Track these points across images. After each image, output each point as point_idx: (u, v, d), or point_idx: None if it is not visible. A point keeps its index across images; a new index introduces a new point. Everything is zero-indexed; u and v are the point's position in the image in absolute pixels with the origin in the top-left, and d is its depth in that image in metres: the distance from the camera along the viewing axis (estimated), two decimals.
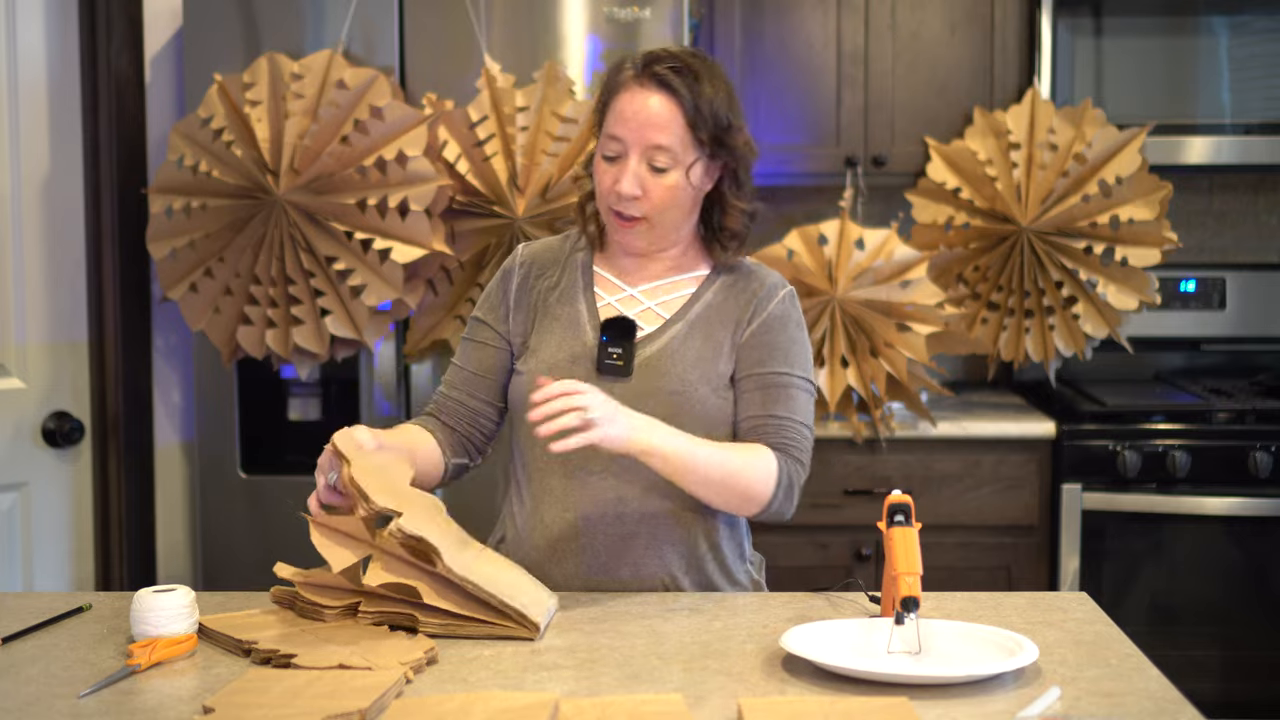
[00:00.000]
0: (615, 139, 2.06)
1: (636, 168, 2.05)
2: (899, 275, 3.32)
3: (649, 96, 2.05)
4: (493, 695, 1.59)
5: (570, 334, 2.11)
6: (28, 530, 3.04)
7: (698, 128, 2.05)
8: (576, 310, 2.13)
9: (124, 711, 1.60)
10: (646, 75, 2.06)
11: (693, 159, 2.06)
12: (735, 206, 2.13)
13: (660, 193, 2.05)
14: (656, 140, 2.04)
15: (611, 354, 2.08)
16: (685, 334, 2.10)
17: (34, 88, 3.02)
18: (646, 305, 2.13)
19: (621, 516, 2.06)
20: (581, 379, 2.03)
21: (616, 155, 2.06)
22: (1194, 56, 3.59)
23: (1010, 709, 1.57)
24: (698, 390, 2.06)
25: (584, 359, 2.08)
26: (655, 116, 2.04)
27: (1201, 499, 3.35)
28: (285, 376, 3.25)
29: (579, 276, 2.16)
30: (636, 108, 2.05)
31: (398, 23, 3.16)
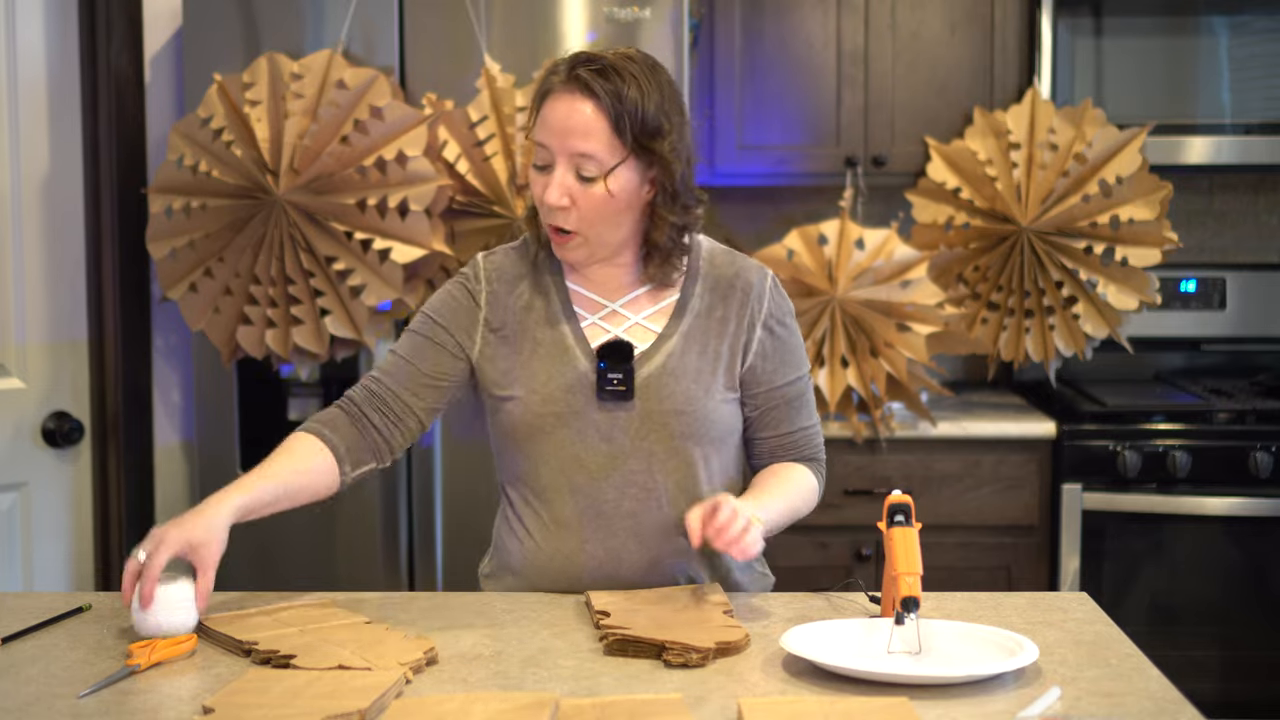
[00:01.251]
0: (543, 147, 1.97)
1: (563, 177, 1.94)
2: (899, 275, 3.32)
3: (573, 102, 1.94)
4: (493, 695, 1.59)
5: (560, 361, 2.02)
6: (28, 530, 3.04)
7: (622, 133, 1.94)
8: (561, 334, 2.03)
9: (124, 711, 1.60)
10: (571, 79, 1.95)
11: (621, 162, 1.95)
12: (663, 219, 1.99)
13: (589, 202, 1.95)
14: (580, 148, 1.93)
15: (612, 380, 2.00)
16: (681, 348, 2.03)
17: (34, 87, 3.02)
18: (633, 320, 2.05)
19: (643, 541, 2.03)
20: (580, 406, 2.00)
21: (545, 164, 1.97)
22: (1194, 56, 3.59)
23: (1010, 709, 1.57)
24: (703, 405, 2.02)
25: (580, 386, 2.01)
26: (579, 123, 1.93)
27: (1202, 499, 3.35)
28: (285, 376, 3.25)
29: (555, 297, 2.06)
30: (561, 114, 1.95)
31: (398, 23, 3.16)
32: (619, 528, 2.03)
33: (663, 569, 2.04)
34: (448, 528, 3.20)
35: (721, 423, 2.05)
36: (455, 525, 3.20)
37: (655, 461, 2.02)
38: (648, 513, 2.02)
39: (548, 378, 2.02)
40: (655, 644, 1.75)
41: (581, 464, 2.02)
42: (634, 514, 2.02)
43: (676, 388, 2.01)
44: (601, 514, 2.02)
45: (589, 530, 2.03)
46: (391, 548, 3.22)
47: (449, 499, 3.21)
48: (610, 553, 2.03)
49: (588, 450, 2.02)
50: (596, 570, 2.03)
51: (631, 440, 2.01)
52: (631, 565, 2.03)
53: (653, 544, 2.03)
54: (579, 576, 2.04)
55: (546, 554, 2.06)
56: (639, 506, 2.02)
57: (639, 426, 2.01)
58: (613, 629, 1.79)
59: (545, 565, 2.06)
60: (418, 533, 3.22)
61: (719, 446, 2.06)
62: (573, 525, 2.03)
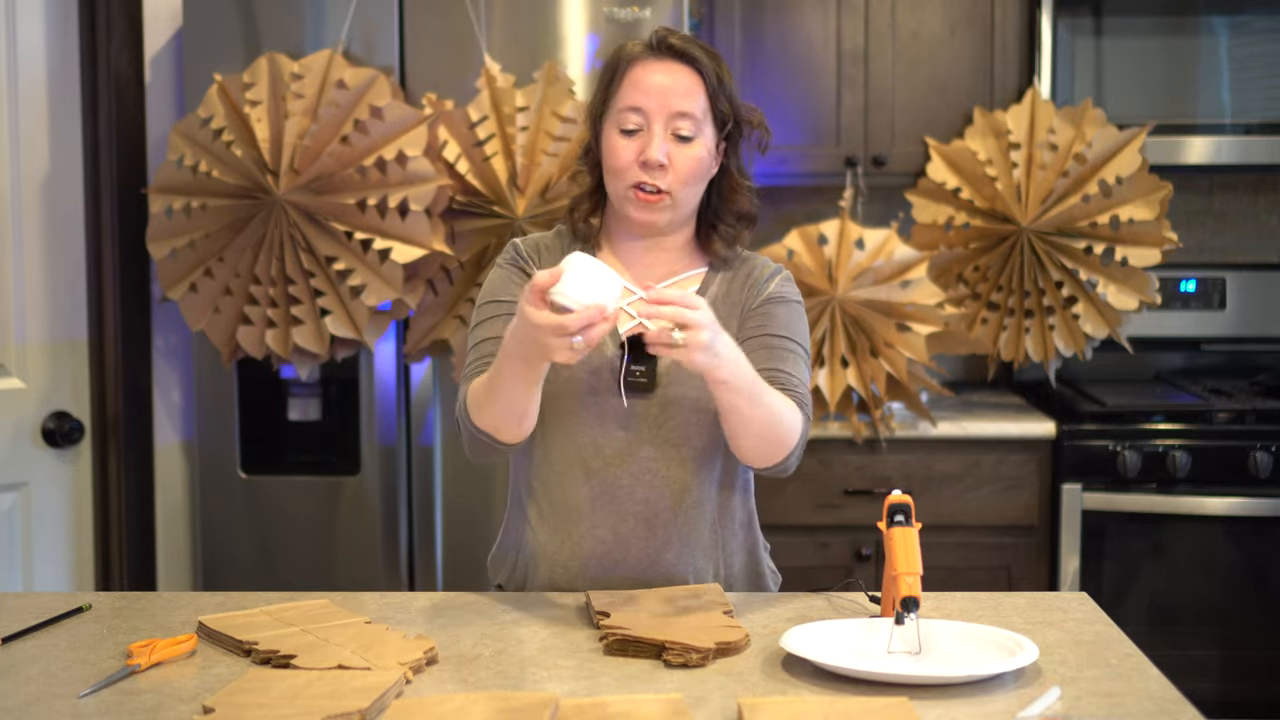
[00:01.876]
0: (635, 110, 2.01)
1: (662, 138, 2.00)
2: (899, 275, 3.32)
3: (669, 66, 2.02)
4: (493, 695, 1.59)
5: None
6: (28, 530, 3.04)
7: (718, 100, 2.02)
8: None
9: (124, 711, 1.60)
10: (663, 49, 2.03)
11: (712, 132, 2.03)
12: (743, 185, 2.10)
13: (686, 162, 2.01)
14: (681, 107, 2.00)
15: (635, 372, 2.02)
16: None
17: (34, 88, 3.02)
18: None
19: (653, 528, 2.04)
20: (603, 392, 2.01)
21: (637, 128, 2.01)
22: (1194, 56, 3.59)
23: (1010, 709, 1.57)
24: None
25: (603, 370, 2.02)
26: (678, 84, 2.01)
27: (1201, 499, 3.35)
28: (285, 376, 3.25)
29: None
30: (658, 76, 2.01)
31: (398, 23, 3.16)
32: (629, 513, 2.03)
33: (667, 561, 2.04)
34: (448, 528, 3.21)
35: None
36: (455, 525, 3.20)
37: (671, 450, 2.03)
38: (659, 500, 2.03)
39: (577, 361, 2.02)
40: (655, 644, 1.75)
41: (598, 449, 2.03)
42: (646, 501, 2.03)
43: (694, 377, 2.00)
44: (614, 500, 2.03)
45: (599, 515, 2.04)
46: (391, 548, 3.22)
47: (449, 499, 3.21)
48: (619, 539, 2.03)
49: (605, 436, 2.03)
50: (604, 556, 2.04)
51: (649, 429, 2.03)
52: (638, 554, 2.03)
53: (661, 533, 2.03)
54: (585, 561, 2.04)
55: (556, 540, 2.06)
56: (651, 494, 2.03)
57: (657, 415, 2.02)
58: (613, 629, 1.79)
59: (554, 552, 2.06)
60: (418, 533, 3.22)
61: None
62: (584, 509, 2.04)
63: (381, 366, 3.20)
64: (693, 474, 2.04)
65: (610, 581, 2.04)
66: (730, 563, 2.11)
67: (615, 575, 2.04)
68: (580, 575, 2.05)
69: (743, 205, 2.10)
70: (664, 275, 2.10)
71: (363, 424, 3.20)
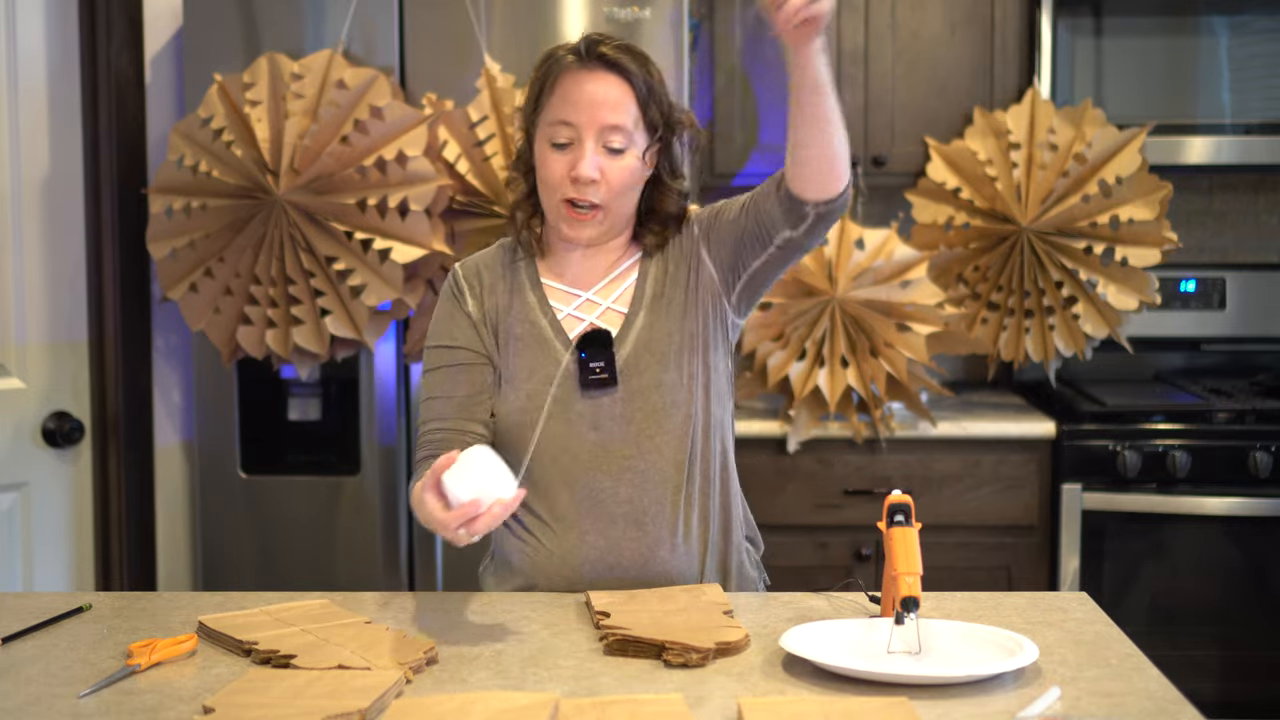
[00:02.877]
0: (566, 124, 2.00)
1: (592, 151, 2.00)
2: (899, 275, 3.32)
3: (599, 77, 2.01)
4: (493, 695, 1.59)
5: (540, 354, 2.05)
6: (28, 530, 3.04)
7: (649, 108, 2.02)
8: (539, 328, 2.07)
9: (124, 711, 1.60)
10: (592, 58, 2.02)
11: (644, 140, 2.03)
12: (670, 189, 2.10)
13: (617, 174, 2.01)
14: (611, 120, 2.00)
15: (594, 369, 2.03)
16: (649, 321, 2.06)
17: (34, 87, 3.02)
18: (604, 306, 2.09)
19: (642, 526, 2.04)
20: (565, 397, 2.03)
21: (569, 141, 2.01)
22: (1194, 56, 3.59)
23: (1010, 709, 1.57)
24: (684, 366, 2.05)
25: (563, 378, 2.04)
26: (608, 96, 2.00)
27: (1201, 499, 3.35)
28: (285, 376, 3.25)
29: (529, 293, 2.09)
30: (588, 88, 2.00)
31: (398, 23, 3.16)
32: (617, 515, 2.04)
33: (661, 557, 2.04)
34: None
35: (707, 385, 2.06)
36: None
37: (645, 442, 2.04)
38: (644, 497, 2.04)
39: (530, 372, 2.05)
40: (655, 644, 1.75)
41: (573, 455, 2.04)
42: (630, 500, 2.03)
43: (653, 362, 2.04)
44: (599, 503, 2.04)
45: (588, 521, 2.04)
46: (391, 548, 3.22)
47: None
48: (611, 542, 2.04)
49: (577, 440, 2.04)
50: (598, 561, 2.04)
51: (619, 425, 2.03)
52: (632, 554, 2.04)
53: (651, 529, 2.04)
54: (579, 568, 2.04)
55: (547, 550, 2.06)
56: (635, 492, 2.03)
57: (623, 409, 2.03)
58: (613, 629, 1.79)
59: (545, 562, 2.07)
60: (418, 533, 3.22)
61: (708, 415, 2.07)
62: (570, 518, 2.04)
63: (381, 366, 3.20)
64: (671, 463, 2.04)
65: (608, 584, 2.04)
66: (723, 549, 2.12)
67: (611, 578, 2.04)
68: (577, 583, 2.05)
69: (670, 207, 2.11)
70: (603, 274, 2.11)
71: (363, 424, 3.20)
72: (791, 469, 3.41)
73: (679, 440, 2.05)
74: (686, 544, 2.06)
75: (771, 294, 3.36)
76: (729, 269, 2.08)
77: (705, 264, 2.09)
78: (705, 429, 2.07)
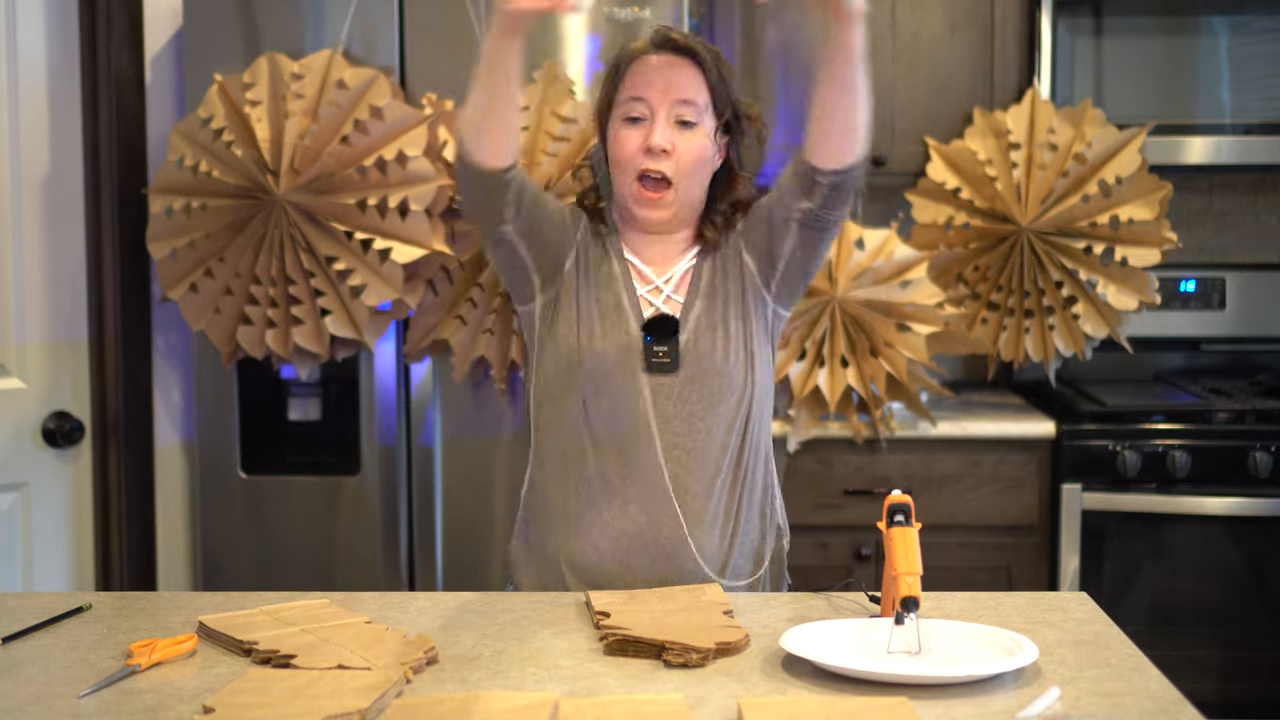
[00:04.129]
0: (639, 99, 2.09)
1: (665, 124, 2.08)
2: (899, 275, 3.32)
3: (671, 59, 2.10)
4: (493, 695, 1.59)
5: (616, 323, 2.13)
6: (28, 530, 3.04)
7: (718, 93, 2.10)
8: (619, 299, 2.14)
9: (124, 711, 1.60)
10: (665, 44, 2.11)
11: (713, 123, 2.11)
12: (742, 176, 2.18)
13: (689, 149, 2.09)
14: (683, 94, 2.08)
15: (658, 353, 2.10)
16: (706, 308, 2.14)
17: (34, 87, 3.02)
18: (666, 293, 2.16)
19: (684, 504, 2.09)
20: (630, 373, 2.10)
21: (641, 116, 2.09)
22: (1194, 56, 3.59)
23: (1010, 709, 1.57)
24: (736, 354, 2.11)
25: (631, 350, 2.11)
26: (681, 74, 2.09)
27: (1201, 499, 3.35)
28: (285, 376, 3.25)
29: (616, 264, 2.17)
30: (661, 68, 2.09)
31: (398, 23, 3.16)
32: (659, 489, 2.09)
33: (697, 536, 2.09)
34: (448, 528, 3.21)
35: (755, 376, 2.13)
36: (455, 525, 3.20)
37: (697, 423, 2.10)
38: (688, 475, 2.09)
39: (603, 336, 2.12)
40: (655, 644, 1.75)
41: (625, 426, 2.10)
42: (675, 476, 2.09)
43: (709, 348, 2.11)
44: (644, 475, 2.09)
45: (632, 490, 2.09)
46: (391, 548, 3.22)
47: (449, 499, 3.21)
48: (651, 518, 2.08)
49: (632, 413, 2.10)
50: (636, 536, 2.09)
51: (674, 404, 2.10)
52: (670, 531, 2.08)
53: (691, 506, 2.09)
54: (618, 540, 2.08)
55: (588, 516, 2.11)
56: (680, 469, 2.09)
57: (681, 390, 2.10)
58: (613, 629, 1.79)
59: (586, 527, 2.11)
60: (418, 533, 3.22)
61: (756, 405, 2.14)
62: (615, 485, 2.10)
63: (381, 366, 3.20)
64: (719, 445, 2.11)
65: (640, 559, 2.08)
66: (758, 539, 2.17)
67: (643, 560, 2.08)
68: (610, 555, 2.09)
69: (741, 193, 2.18)
70: (668, 267, 2.18)
71: (363, 424, 3.20)
72: (791, 469, 3.40)
73: (728, 425, 2.12)
74: (723, 527, 2.12)
75: None
76: (765, 258, 2.16)
77: (746, 260, 2.17)
78: (749, 418, 2.14)
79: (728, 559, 2.12)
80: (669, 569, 2.09)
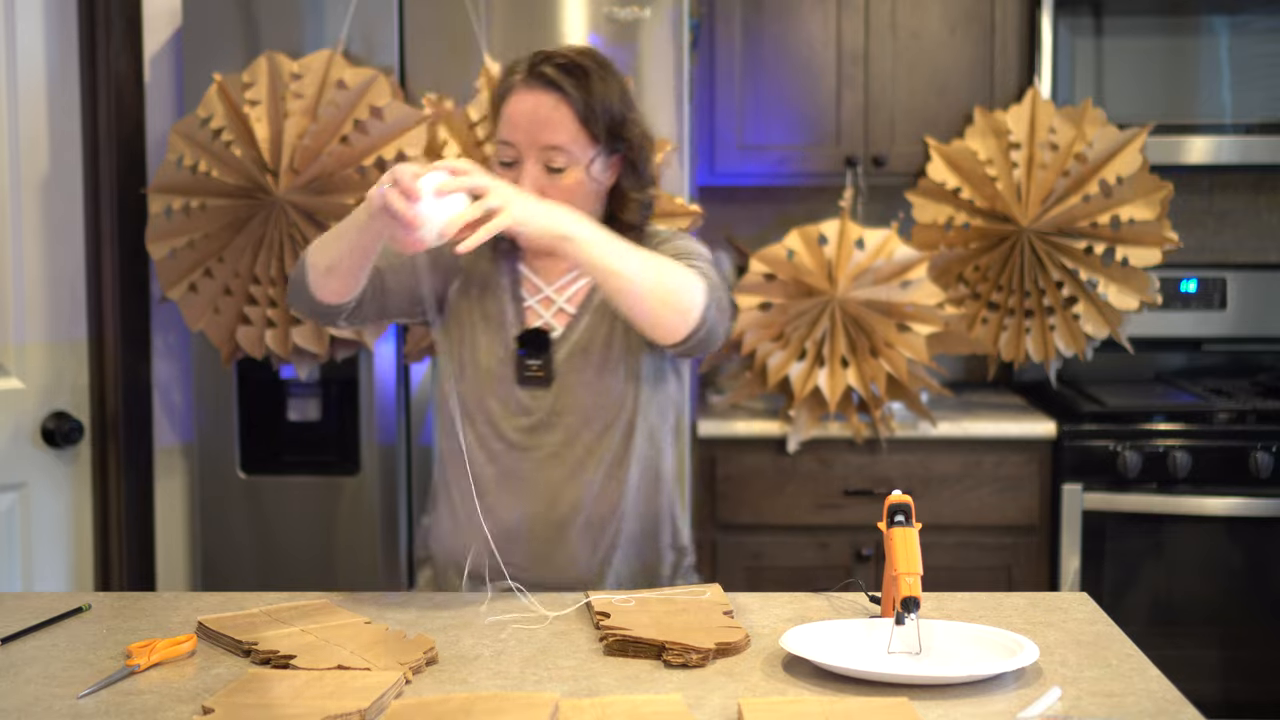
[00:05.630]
0: (508, 144, 2.07)
1: (532, 171, 2.05)
2: (899, 275, 3.32)
3: (539, 97, 2.05)
4: (493, 695, 1.59)
5: (498, 336, 2.14)
6: (27, 530, 3.04)
7: (590, 124, 2.05)
8: (503, 311, 2.15)
9: (124, 712, 1.60)
10: (534, 76, 2.06)
11: (590, 156, 2.07)
12: (633, 199, 2.14)
13: (558, 194, 2.03)
14: (549, 140, 2.04)
15: (530, 366, 2.11)
16: (592, 324, 2.13)
17: (33, 87, 3.02)
18: (558, 304, 2.15)
19: (555, 509, 2.12)
20: (507, 385, 2.11)
21: (512, 161, 2.07)
22: (1194, 56, 3.59)
23: (1010, 709, 1.57)
24: (620, 372, 2.11)
25: (507, 363, 2.13)
26: (546, 117, 2.04)
27: (1202, 499, 3.35)
28: (285, 376, 3.24)
29: (506, 277, 2.17)
30: (526, 110, 2.05)
31: (398, 23, 3.15)
32: (532, 493, 2.12)
33: (570, 539, 2.12)
34: None
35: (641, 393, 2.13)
36: None
37: (573, 436, 2.12)
38: (563, 482, 2.11)
39: (487, 350, 2.13)
40: (655, 644, 1.75)
41: (502, 434, 2.13)
42: (550, 483, 2.12)
43: (588, 364, 2.11)
44: (519, 480, 2.12)
45: (504, 494, 2.12)
46: (391, 548, 3.22)
47: None
48: (524, 516, 2.12)
49: (510, 422, 2.13)
50: (510, 533, 2.10)
51: (550, 416, 2.12)
52: (542, 533, 2.11)
53: (563, 511, 2.12)
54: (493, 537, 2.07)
55: (465, 513, 2.13)
56: (553, 474, 2.11)
57: (555, 404, 2.11)
58: (613, 629, 1.79)
59: (464, 524, 2.14)
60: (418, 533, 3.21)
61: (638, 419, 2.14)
62: (490, 489, 2.12)
63: (381, 366, 3.20)
64: (594, 458, 2.12)
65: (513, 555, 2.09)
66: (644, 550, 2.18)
67: (518, 556, 2.10)
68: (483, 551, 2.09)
69: (630, 217, 2.14)
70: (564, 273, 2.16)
71: (363, 424, 3.20)
72: (791, 469, 3.40)
73: (606, 439, 2.12)
74: (597, 539, 2.13)
75: (771, 294, 3.36)
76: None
77: None
78: (631, 432, 2.14)
79: (603, 571, 2.14)
80: (546, 571, 2.12)
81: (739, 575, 3.40)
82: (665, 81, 3.08)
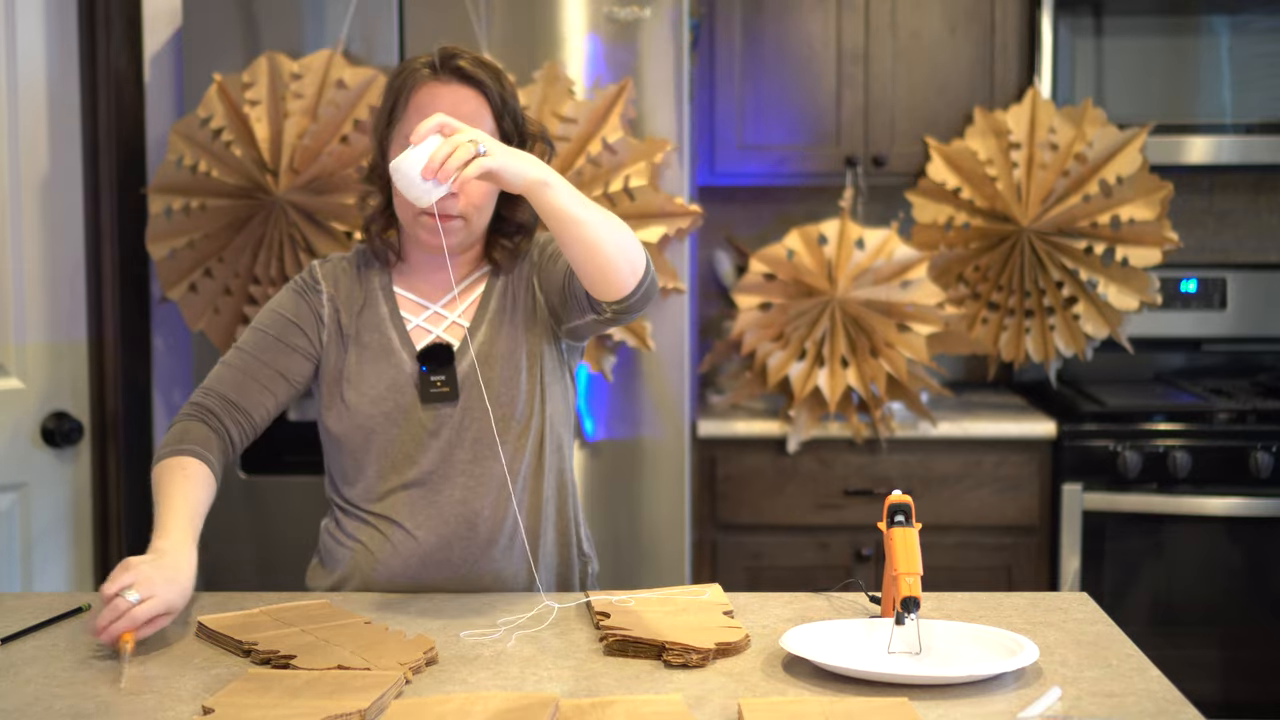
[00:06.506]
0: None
1: None
2: (899, 275, 3.32)
3: (457, 91, 2.03)
4: (493, 695, 1.59)
5: (385, 362, 2.09)
6: (27, 530, 3.04)
7: (503, 120, 2.05)
8: (387, 337, 2.10)
9: (124, 712, 1.60)
10: (448, 71, 2.04)
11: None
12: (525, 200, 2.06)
13: (478, 188, 2.02)
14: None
15: (435, 382, 2.07)
16: (490, 335, 2.10)
17: (33, 87, 3.02)
18: (450, 319, 2.12)
19: (474, 527, 2.07)
20: (407, 406, 2.07)
21: None
22: (1194, 56, 3.59)
23: (1011, 709, 1.57)
24: (522, 382, 2.08)
25: (405, 386, 2.08)
26: (467, 110, 2.02)
27: (1202, 499, 3.35)
28: None
29: (381, 304, 2.13)
30: (446, 102, 2.01)
31: (398, 23, 3.15)
32: (450, 516, 2.07)
33: (493, 557, 2.08)
34: None
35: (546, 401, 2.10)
36: None
37: (483, 450, 2.08)
38: (478, 500, 2.07)
39: (376, 379, 2.08)
40: (655, 644, 1.75)
41: (413, 460, 2.08)
42: (465, 502, 2.07)
43: (491, 375, 2.07)
44: (434, 504, 2.07)
45: (420, 518, 2.07)
46: None
47: None
48: (442, 539, 2.07)
49: (418, 447, 2.08)
50: (427, 557, 2.07)
51: (458, 433, 2.07)
52: (462, 553, 2.07)
53: (484, 530, 2.07)
54: (409, 560, 2.06)
55: (382, 553, 2.08)
56: (470, 494, 2.07)
57: (462, 419, 2.07)
58: (613, 629, 1.79)
59: (378, 565, 2.08)
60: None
61: (547, 429, 2.11)
62: (404, 518, 2.07)
63: None
64: (507, 470, 2.07)
65: (436, 581, 2.07)
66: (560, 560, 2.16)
67: (439, 576, 2.07)
68: (399, 576, 2.07)
69: (523, 217, 2.12)
70: (445, 290, 2.13)
71: None
72: (791, 469, 3.40)
73: (515, 451, 2.09)
74: (521, 551, 2.10)
75: (771, 294, 3.36)
76: (552, 313, 2.11)
77: (537, 294, 2.13)
78: (542, 442, 2.12)
79: (532, 581, 2.11)
80: (467, 589, 2.08)
81: (739, 575, 3.40)
82: (665, 81, 3.08)
